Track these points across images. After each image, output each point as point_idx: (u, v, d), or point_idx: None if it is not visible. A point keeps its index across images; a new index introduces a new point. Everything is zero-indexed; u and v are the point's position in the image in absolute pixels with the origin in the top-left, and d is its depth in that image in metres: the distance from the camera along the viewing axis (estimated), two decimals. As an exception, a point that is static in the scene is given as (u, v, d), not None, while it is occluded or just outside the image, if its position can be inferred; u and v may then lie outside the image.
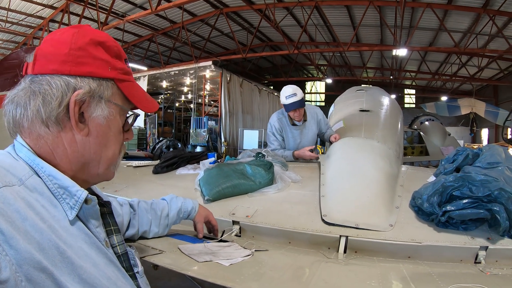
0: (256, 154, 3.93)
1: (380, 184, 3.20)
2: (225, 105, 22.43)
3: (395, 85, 40.22)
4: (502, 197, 2.44)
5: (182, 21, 22.36)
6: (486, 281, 2.06)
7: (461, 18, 21.43)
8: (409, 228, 2.65)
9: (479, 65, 28.67)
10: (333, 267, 2.36)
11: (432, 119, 15.44)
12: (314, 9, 21.53)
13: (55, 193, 1.13)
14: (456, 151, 3.31)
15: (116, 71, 1.29)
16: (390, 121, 5.49)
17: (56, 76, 1.15)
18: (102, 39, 1.26)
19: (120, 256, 1.36)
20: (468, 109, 26.60)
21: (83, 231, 1.16)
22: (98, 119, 1.23)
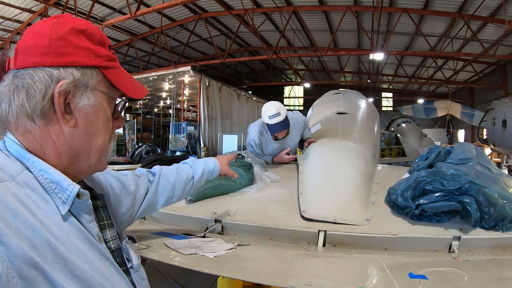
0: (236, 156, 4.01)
1: (356, 182, 3.34)
2: (204, 110, 22.38)
3: (372, 88, 40.66)
4: (472, 189, 2.60)
5: (161, 26, 22.20)
6: (458, 266, 2.20)
7: (436, 22, 21.75)
8: (385, 222, 2.79)
9: (455, 68, 29.14)
10: (312, 259, 2.46)
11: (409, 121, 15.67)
12: (292, 14, 21.59)
13: (47, 188, 1.12)
14: (429, 149, 3.45)
15: (100, 58, 1.26)
16: (366, 123, 5.63)
17: (38, 69, 1.14)
18: (84, 27, 1.24)
19: (113, 251, 1.35)
20: (444, 111, 26.96)
21: (76, 226, 1.15)
22: (85, 108, 1.21)
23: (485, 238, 2.59)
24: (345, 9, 20.33)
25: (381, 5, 17.47)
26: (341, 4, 20.65)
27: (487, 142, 16.80)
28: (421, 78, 34.17)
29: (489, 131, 16.06)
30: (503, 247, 2.60)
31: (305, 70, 36.45)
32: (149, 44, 25.64)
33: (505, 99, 16.05)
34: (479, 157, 3.30)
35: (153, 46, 25.07)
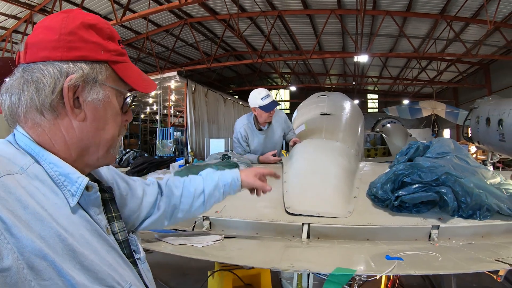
0: (222, 156, 4.11)
1: (338, 178, 3.47)
2: (190, 115, 22.34)
3: (358, 90, 40.92)
4: (449, 180, 2.73)
5: (147, 31, 22.20)
6: (434, 250, 2.33)
7: (419, 24, 22.06)
8: (366, 214, 2.91)
9: (438, 68, 29.60)
10: (296, 249, 2.58)
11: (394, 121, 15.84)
12: (277, 18, 21.85)
13: (56, 180, 1.13)
14: (409, 145, 3.56)
15: (109, 53, 1.26)
16: (350, 123, 5.77)
17: (48, 63, 1.15)
18: (93, 22, 1.24)
19: (121, 243, 1.36)
20: (429, 111, 27.21)
21: (85, 218, 1.17)
22: (94, 103, 1.21)
23: (463, 227, 2.71)
24: (329, 12, 20.59)
25: (365, 8, 17.65)
26: (325, 7, 20.91)
27: (472, 140, 17.02)
28: (405, 79, 34.52)
29: (474, 130, 16.26)
30: (482, 235, 2.72)
31: (291, 74, 36.68)
32: (135, 50, 25.58)
33: (488, 97, 16.28)
34: (457, 151, 3.42)
35: (139, 52, 25.07)
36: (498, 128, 13.74)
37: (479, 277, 6.36)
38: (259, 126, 5.15)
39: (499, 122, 13.62)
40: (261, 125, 5.16)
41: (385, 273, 1.92)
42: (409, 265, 2.05)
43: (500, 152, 14.89)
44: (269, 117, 5.01)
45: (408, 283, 6.14)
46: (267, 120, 5.05)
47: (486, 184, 3.01)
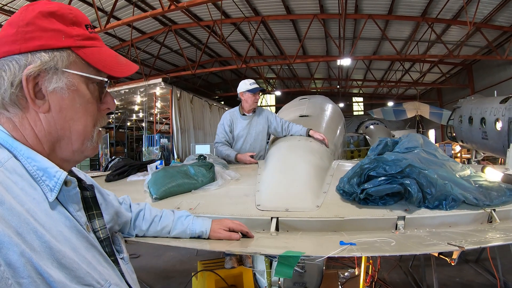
0: (198, 156, 4.17)
1: (308, 174, 3.55)
2: (176, 122, 22.31)
3: (343, 94, 41.12)
4: (413, 172, 2.81)
5: (131, 39, 22.09)
6: (393, 237, 2.41)
7: (401, 27, 22.29)
8: (334, 207, 2.98)
9: (421, 70, 29.87)
10: (265, 239, 2.65)
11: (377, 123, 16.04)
12: (260, 24, 21.91)
13: (34, 175, 1.12)
14: (378, 141, 3.64)
15: (72, 38, 1.22)
16: (327, 124, 5.86)
17: (9, 58, 1.13)
18: (53, 9, 1.21)
19: (102, 240, 1.34)
20: (413, 112, 27.51)
21: (63, 214, 1.14)
22: (58, 92, 1.19)
23: (429, 217, 2.77)
24: (312, 17, 20.70)
25: (346, 12, 17.81)
26: (307, 12, 21.04)
27: (456, 139, 17.23)
28: (389, 82, 34.79)
29: (457, 129, 16.48)
30: (449, 225, 2.79)
31: (276, 79, 36.74)
32: (119, 57, 25.52)
33: (471, 97, 16.50)
34: (426, 145, 3.51)
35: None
36: (480, 126, 13.95)
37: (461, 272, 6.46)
38: (243, 112, 5.51)
39: (482, 120, 13.83)
40: (245, 112, 5.50)
41: (332, 254, 2.00)
42: (358, 248, 2.14)
43: (484, 150, 15.10)
44: (254, 102, 5.40)
45: (391, 280, 6.22)
46: (252, 105, 5.42)
47: (452, 175, 3.10)
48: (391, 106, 30.88)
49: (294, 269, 1.97)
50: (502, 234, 2.54)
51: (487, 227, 2.77)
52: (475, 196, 2.87)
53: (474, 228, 2.70)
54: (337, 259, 6.46)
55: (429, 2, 18.45)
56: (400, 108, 28.29)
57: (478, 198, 2.87)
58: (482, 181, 3.27)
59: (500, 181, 3.35)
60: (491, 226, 2.76)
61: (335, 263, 6.38)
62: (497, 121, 12.90)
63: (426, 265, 5.76)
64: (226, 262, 4.92)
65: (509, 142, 12.05)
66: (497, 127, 12.90)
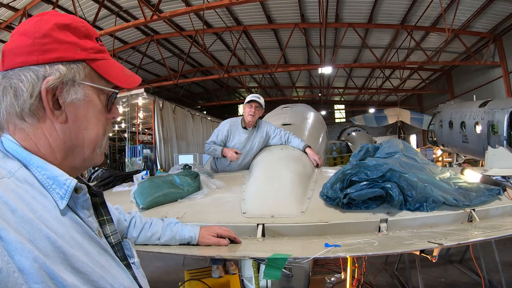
0: (183, 166, 4.21)
1: (292, 181, 3.63)
2: (159, 132, 22.14)
3: (324, 101, 41.42)
4: (394, 176, 2.90)
5: (113, 48, 21.92)
6: (375, 238, 2.51)
7: (381, 35, 22.60)
8: (318, 213, 3.05)
9: (402, 77, 30.16)
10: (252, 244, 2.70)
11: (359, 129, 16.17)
12: (242, 33, 22.08)
13: (45, 184, 1.12)
14: (360, 148, 3.73)
15: (86, 51, 1.25)
16: (310, 132, 6.00)
17: (25, 68, 1.13)
18: (67, 21, 1.23)
19: (114, 245, 1.36)
20: (394, 118, 27.75)
21: (75, 220, 1.15)
22: (74, 103, 1.21)
23: (410, 219, 2.87)
24: (293, 26, 20.92)
25: (326, 21, 17.97)
26: (289, 21, 21.22)
27: (437, 143, 17.43)
28: (370, 89, 35.25)
29: (438, 133, 16.67)
30: (430, 225, 2.89)
31: (258, 88, 36.83)
32: (101, 67, 25.30)
33: (450, 102, 16.73)
34: (406, 150, 3.62)
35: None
36: (461, 130, 14.15)
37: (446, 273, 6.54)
38: (244, 125, 5.29)
39: (462, 124, 14.02)
40: (246, 125, 5.29)
41: (317, 255, 2.08)
42: (343, 250, 2.22)
43: (464, 153, 15.31)
44: (250, 114, 5.17)
45: (377, 283, 6.28)
46: (248, 117, 5.20)
47: (432, 178, 3.20)
48: (373, 113, 31.11)
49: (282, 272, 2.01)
50: (481, 232, 2.62)
51: (467, 226, 2.86)
52: (455, 197, 2.97)
53: (455, 228, 2.79)
54: (323, 264, 6.52)
55: (408, 10, 18.76)
56: (382, 114, 28.52)
57: (458, 199, 2.97)
58: (462, 183, 3.38)
59: (479, 182, 3.45)
60: (471, 225, 2.86)
61: (321, 268, 6.43)
62: (476, 124, 13.12)
63: (411, 267, 5.82)
64: (213, 271, 4.92)
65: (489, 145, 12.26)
66: (477, 130, 13.12)
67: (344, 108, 46.82)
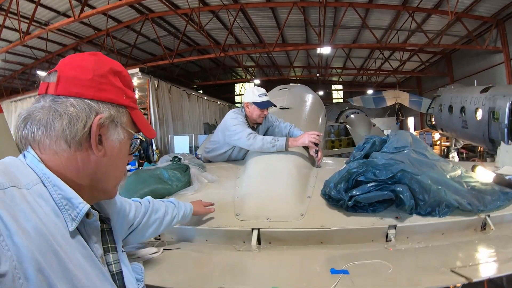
0: (172, 158, 3.94)
1: (291, 177, 3.34)
2: (154, 112, 21.99)
3: (322, 82, 41.10)
4: (405, 177, 2.62)
5: (107, 28, 21.67)
6: (386, 257, 2.22)
7: (382, 15, 22.28)
8: (319, 215, 2.78)
9: (401, 58, 29.90)
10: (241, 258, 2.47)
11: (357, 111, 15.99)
12: (239, 11, 21.66)
13: (59, 203, 1.14)
14: (365, 140, 3.47)
15: (129, 99, 1.35)
16: (309, 117, 5.69)
17: (79, 99, 1.20)
18: (119, 69, 1.34)
19: (114, 274, 1.37)
20: (393, 100, 27.74)
21: (81, 244, 1.17)
22: (113, 142, 1.29)
23: (422, 225, 2.63)
24: (291, 5, 20.56)
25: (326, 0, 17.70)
26: (287, 0, 20.75)
27: (436, 127, 17.37)
28: (369, 70, 35.02)
29: (437, 117, 16.60)
30: (442, 232, 2.66)
31: (255, 67, 36.66)
32: (95, 47, 24.96)
33: (451, 86, 16.62)
34: (415, 144, 3.34)
35: (99, 49, 24.38)
36: (460, 115, 14.06)
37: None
38: (250, 125, 4.59)
39: (462, 109, 13.93)
40: (250, 123, 4.64)
41: None
42: (353, 279, 1.95)
43: (463, 138, 15.25)
44: (260, 117, 4.54)
45: None
46: (257, 119, 4.57)
47: (445, 178, 2.96)
48: (371, 94, 31.10)
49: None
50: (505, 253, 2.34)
51: (482, 237, 2.64)
52: (469, 201, 2.72)
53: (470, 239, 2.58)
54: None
55: (411, -10, 18.36)
56: (380, 96, 28.50)
57: (472, 203, 2.72)
58: (474, 183, 3.14)
59: (492, 183, 3.21)
60: (487, 236, 2.65)
61: None
62: (477, 110, 12.97)
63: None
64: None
65: (489, 132, 12.13)
66: (477, 116, 12.98)
67: (342, 89, 46.62)
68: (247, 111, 4.54)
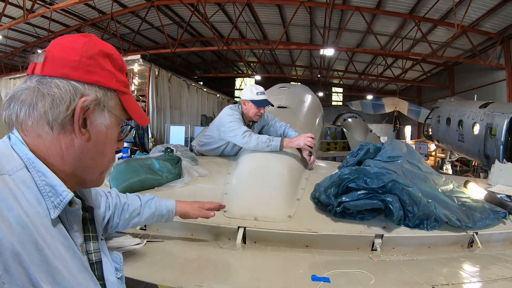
0: (165, 149, 3.92)
1: (282, 178, 3.32)
2: (152, 100, 22.04)
3: (323, 83, 41.09)
4: (396, 188, 2.61)
5: (112, 12, 21.65)
6: (370, 267, 2.21)
7: (388, 22, 22.31)
8: (307, 219, 2.77)
9: (403, 67, 30.01)
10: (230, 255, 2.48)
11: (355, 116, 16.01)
12: (246, 6, 21.62)
13: (42, 190, 1.12)
14: (360, 146, 3.46)
15: (120, 83, 1.31)
16: (306, 118, 5.68)
17: (65, 81, 1.17)
18: (110, 52, 1.30)
19: (93, 263, 1.35)
20: (392, 107, 27.89)
21: (62, 232, 1.15)
22: (99, 126, 1.25)
23: (408, 237, 2.62)
24: (298, 4, 20.61)
25: (334, 2, 17.73)
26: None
27: (432, 138, 17.44)
28: (370, 75, 35.10)
29: (434, 128, 16.65)
30: (428, 246, 2.66)
31: (257, 63, 36.71)
32: (99, 30, 24.78)
33: (450, 98, 16.66)
34: (409, 155, 3.33)
35: (102, 32, 24.25)
36: (458, 128, 14.11)
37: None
38: (246, 122, 4.55)
39: (459, 122, 13.99)
40: (246, 121, 4.60)
41: None
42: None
43: (459, 151, 15.32)
44: (257, 115, 4.53)
45: None
46: (253, 117, 4.55)
47: (436, 192, 2.97)
48: (370, 100, 31.22)
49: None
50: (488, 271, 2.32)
51: (468, 254, 2.63)
52: (458, 217, 2.71)
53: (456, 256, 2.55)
54: None
55: (419, 0, 18.43)
56: (379, 102, 28.65)
57: (461, 219, 2.71)
58: (465, 198, 3.12)
59: (483, 200, 3.20)
60: (473, 254, 2.64)
61: None
62: (474, 125, 13.03)
63: None
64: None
65: (485, 147, 12.17)
66: (475, 131, 13.03)
67: (342, 92, 46.69)
68: (243, 108, 4.52)
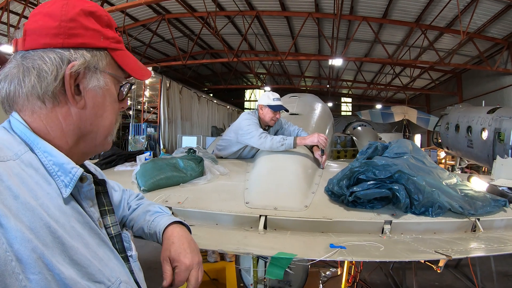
0: (188, 150, 4.15)
1: (297, 174, 3.59)
2: (164, 111, 22.18)
3: (332, 93, 41.16)
4: (402, 178, 2.85)
5: (124, 25, 21.86)
6: (380, 241, 2.47)
7: (395, 31, 22.35)
8: (322, 208, 3.02)
9: (411, 75, 30.08)
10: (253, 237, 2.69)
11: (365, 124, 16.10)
12: (254, 18, 21.87)
13: (50, 170, 1.10)
14: (368, 145, 3.68)
15: (109, 40, 1.27)
16: (317, 123, 5.93)
17: (48, 50, 1.13)
18: (93, 9, 1.24)
19: (113, 237, 1.34)
20: (401, 116, 27.74)
21: (77, 210, 1.13)
22: (94, 90, 1.21)
23: (415, 223, 2.84)
24: (306, 15, 20.70)
25: (341, 12, 17.83)
26: (303, 10, 21.02)
27: (441, 145, 17.41)
28: (379, 84, 35.13)
29: (443, 135, 16.63)
30: (434, 231, 2.86)
31: (266, 74, 36.79)
32: (110, 44, 25.14)
33: (459, 105, 16.65)
34: (415, 152, 3.56)
35: (115, 46, 24.56)
36: (466, 134, 14.10)
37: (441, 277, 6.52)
38: (262, 127, 4.78)
39: (468, 129, 13.98)
40: (262, 125, 4.85)
41: (324, 258, 2.06)
42: (349, 252, 2.19)
43: (468, 158, 15.27)
44: (272, 119, 4.79)
45: (372, 281, 6.27)
46: (269, 122, 4.81)
47: (439, 183, 3.15)
48: (379, 109, 31.10)
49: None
50: (486, 245, 2.57)
51: (470, 235, 2.82)
52: (460, 205, 2.92)
53: (459, 236, 2.76)
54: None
55: (424, 9, 18.54)
56: (388, 111, 28.52)
57: (463, 206, 2.92)
58: (468, 190, 3.33)
59: (485, 191, 3.41)
60: (474, 235, 2.83)
61: (317, 262, 6.41)
62: (483, 130, 13.06)
63: (406, 268, 5.80)
64: (209, 255, 4.89)
65: (493, 152, 12.22)
66: (483, 136, 13.05)
67: (351, 102, 46.70)
68: (260, 113, 4.78)
